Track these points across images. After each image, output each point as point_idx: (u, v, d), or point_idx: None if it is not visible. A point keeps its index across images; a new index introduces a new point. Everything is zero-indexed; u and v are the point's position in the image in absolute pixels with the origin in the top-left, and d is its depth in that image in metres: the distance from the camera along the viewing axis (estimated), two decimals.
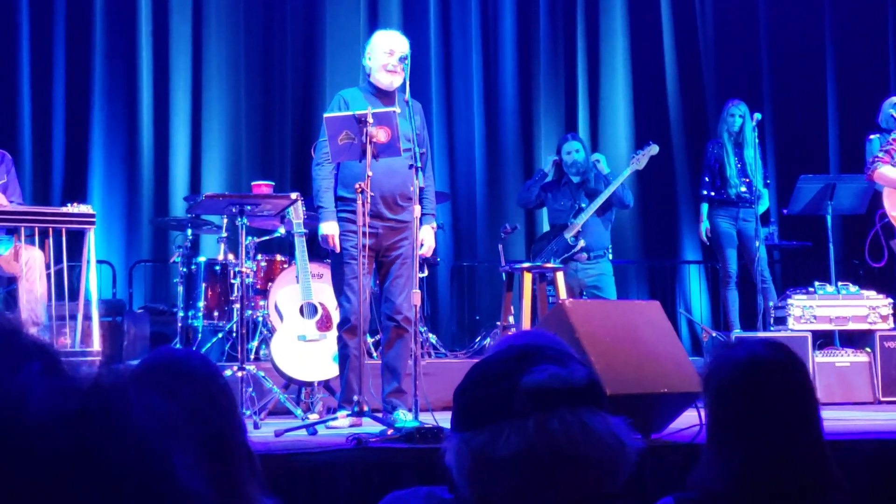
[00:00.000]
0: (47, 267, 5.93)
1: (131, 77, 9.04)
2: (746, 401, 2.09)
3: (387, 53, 5.40)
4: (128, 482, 0.57)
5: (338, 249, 5.29)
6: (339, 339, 5.38)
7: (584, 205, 7.45)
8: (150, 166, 9.01)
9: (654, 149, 7.57)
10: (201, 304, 7.07)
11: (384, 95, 5.40)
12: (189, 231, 7.41)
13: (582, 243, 7.32)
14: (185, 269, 7.15)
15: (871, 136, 7.35)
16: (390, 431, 4.28)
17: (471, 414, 1.33)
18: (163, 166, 9.05)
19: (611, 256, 7.68)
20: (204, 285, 7.10)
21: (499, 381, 1.32)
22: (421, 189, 5.34)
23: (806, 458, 2.06)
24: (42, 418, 0.56)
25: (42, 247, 5.95)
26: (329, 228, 5.32)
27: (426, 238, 5.43)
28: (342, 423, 4.95)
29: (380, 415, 5.10)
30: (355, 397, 4.92)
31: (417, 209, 5.05)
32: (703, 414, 2.18)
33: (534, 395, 1.30)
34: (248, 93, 9.34)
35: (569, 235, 7.37)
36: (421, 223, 5.33)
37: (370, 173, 4.96)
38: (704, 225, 8.02)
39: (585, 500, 1.28)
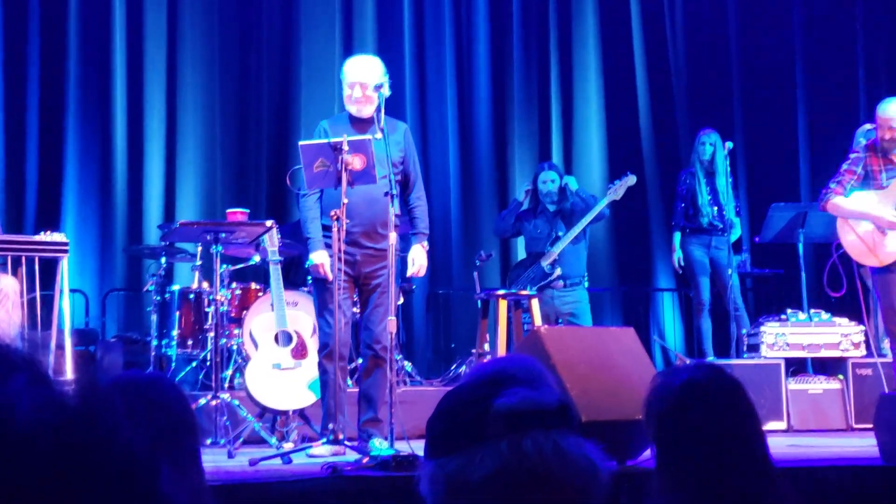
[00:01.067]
0: (21, 295, 5.90)
1: (105, 104, 9.02)
2: (686, 426, 2.10)
3: (348, 86, 5.43)
4: (114, 493, 0.57)
5: (330, 278, 5.27)
6: (319, 364, 5.38)
7: (560, 233, 7.49)
8: (124, 194, 8.98)
9: (631, 179, 7.62)
10: (175, 332, 7.04)
11: (361, 122, 5.42)
12: (163, 259, 7.38)
13: (558, 271, 7.36)
14: (158, 298, 7.12)
15: None
16: (365, 460, 4.27)
17: (444, 440, 1.33)
18: (137, 194, 9.02)
19: (587, 284, 7.71)
20: (178, 314, 7.08)
21: (471, 407, 1.33)
22: (412, 208, 5.40)
23: (751, 481, 2.08)
24: (29, 429, 0.56)
25: (15, 275, 5.92)
26: (319, 258, 5.33)
27: (417, 257, 5.46)
28: (323, 452, 4.93)
29: (355, 443, 5.09)
30: (331, 425, 4.91)
31: (393, 237, 5.06)
32: (652, 446, 2.19)
33: (506, 417, 1.31)
34: (223, 120, 9.34)
35: (545, 263, 7.40)
36: (413, 241, 5.39)
37: (345, 200, 4.98)
38: (677, 254, 8.08)
39: None
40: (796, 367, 7.41)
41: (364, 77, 5.39)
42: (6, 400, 0.56)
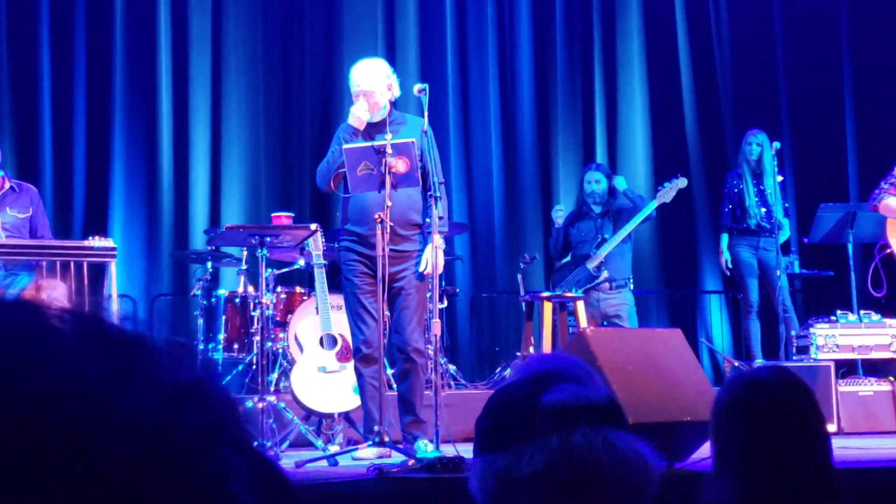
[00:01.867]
0: (70, 300, 5.96)
1: (151, 110, 9.11)
2: (749, 422, 2.08)
3: (353, 95, 5.44)
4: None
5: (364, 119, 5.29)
6: (355, 368, 5.39)
7: (607, 235, 7.43)
8: (171, 199, 9.06)
9: (682, 182, 7.54)
10: (221, 336, 7.08)
11: (373, 126, 5.42)
12: (209, 264, 7.43)
13: (605, 274, 7.30)
14: (205, 302, 7.17)
15: None
16: (411, 462, 4.27)
17: (493, 437, 1.32)
18: (183, 199, 9.10)
19: (632, 286, 7.64)
20: (224, 318, 7.12)
21: (520, 403, 1.32)
22: (431, 206, 5.32)
23: (812, 484, 2.04)
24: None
25: (64, 280, 5.98)
26: (356, 110, 5.34)
27: (427, 258, 5.27)
28: (367, 454, 4.93)
29: (400, 445, 5.09)
30: (376, 427, 4.91)
31: (438, 238, 5.04)
32: (712, 439, 2.16)
33: (555, 413, 1.30)
34: (266, 125, 9.41)
35: (591, 266, 7.35)
36: (426, 242, 5.30)
37: (389, 203, 4.99)
38: (725, 256, 8.00)
39: None
40: (846, 368, 7.32)
41: (365, 85, 5.36)
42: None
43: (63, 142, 8.92)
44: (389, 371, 6.79)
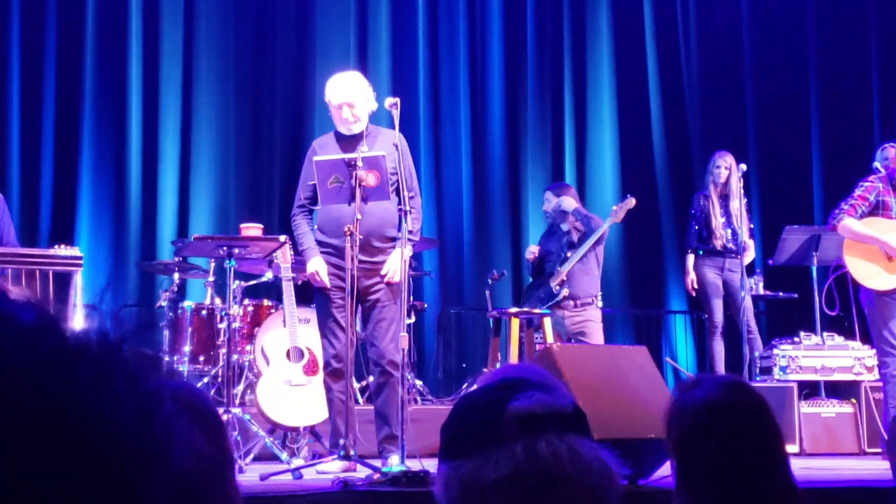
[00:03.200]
0: None
1: (120, 119, 9.07)
2: (708, 447, 2.03)
3: (335, 108, 5.43)
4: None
5: (328, 285, 5.28)
6: (324, 382, 5.38)
7: (569, 253, 7.45)
8: (138, 209, 9.02)
9: (630, 202, 7.53)
10: (187, 348, 7.04)
11: (348, 139, 5.43)
12: (176, 275, 7.39)
13: (566, 292, 7.31)
14: (171, 314, 7.13)
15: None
16: (376, 476, 4.26)
17: (459, 442, 1.33)
18: (150, 209, 9.06)
19: (600, 304, 7.66)
20: (190, 329, 7.08)
21: (486, 409, 1.33)
22: (404, 213, 5.31)
23: (775, 502, 2.04)
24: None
25: (29, 288, 5.93)
26: (314, 264, 5.34)
27: (392, 264, 5.27)
28: (332, 468, 4.92)
29: (367, 459, 5.07)
30: (341, 441, 4.90)
31: (408, 251, 5.06)
32: (671, 464, 2.13)
33: (521, 419, 1.31)
34: (237, 136, 9.39)
35: (553, 284, 7.37)
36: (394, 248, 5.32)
37: (359, 217, 4.99)
38: (691, 275, 8.06)
39: None
40: (809, 390, 7.39)
41: (350, 97, 5.37)
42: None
43: (30, 149, 8.86)
44: (357, 384, 6.79)
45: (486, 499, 1.29)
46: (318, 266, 5.33)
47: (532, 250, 7.79)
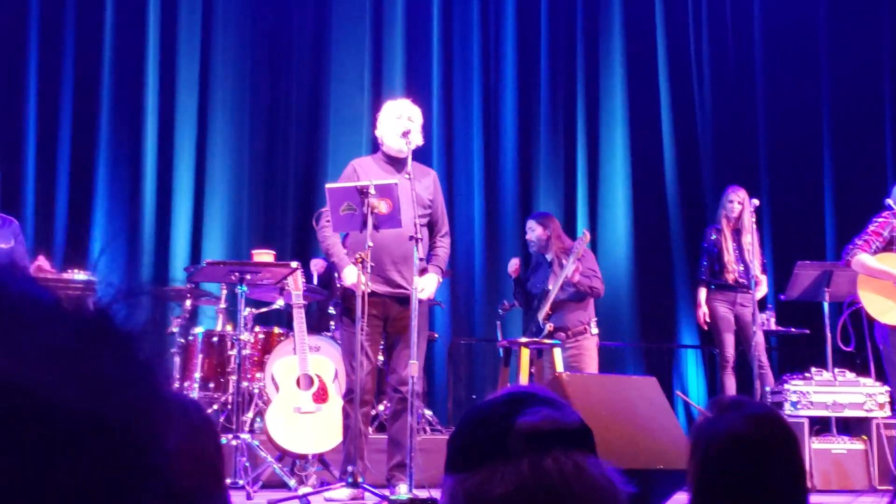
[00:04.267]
0: None
1: (135, 145, 9.14)
2: (731, 478, 2.00)
3: (396, 118, 5.48)
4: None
5: (370, 288, 5.21)
6: (343, 409, 5.38)
7: (550, 286, 7.33)
8: (151, 236, 9.06)
9: (585, 236, 7.39)
10: (197, 374, 7.05)
11: (396, 163, 5.46)
12: (188, 301, 7.41)
13: (550, 327, 7.17)
14: (182, 340, 7.15)
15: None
16: (385, 503, 4.25)
17: (465, 455, 1.34)
18: (164, 236, 9.10)
19: (594, 331, 7.52)
20: (200, 356, 7.09)
21: (494, 423, 1.33)
22: (436, 248, 5.42)
23: None
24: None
25: None
26: (349, 274, 5.30)
27: (428, 283, 5.39)
28: (340, 495, 4.91)
29: (376, 489, 5.06)
30: (350, 468, 4.89)
31: (417, 280, 5.07)
32: (689, 486, 2.08)
33: (528, 435, 1.31)
34: (251, 162, 9.45)
35: (540, 318, 7.26)
36: (428, 270, 5.44)
37: (370, 244, 5.00)
38: (703, 309, 8.03)
39: None
40: (820, 426, 7.34)
41: (412, 112, 5.47)
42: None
43: (46, 173, 8.92)
44: (372, 411, 6.77)
45: None
46: (353, 274, 5.29)
47: (514, 264, 7.66)
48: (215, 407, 7.09)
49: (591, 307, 7.47)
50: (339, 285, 5.55)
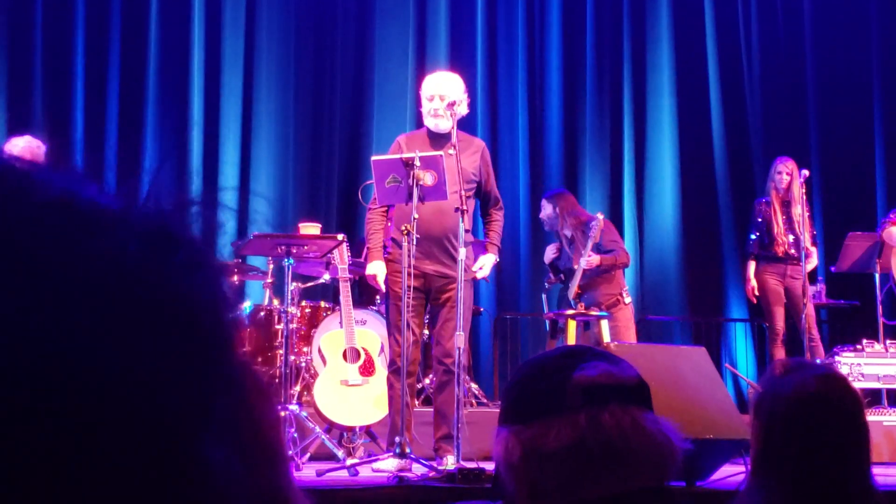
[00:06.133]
0: None
1: (182, 122, 9.20)
2: (794, 435, 1.99)
3: (427, 99, 5.47)
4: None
5: (382, 290, 5.33)
6: (388, 380, 5.40)
7: (574, 265, 7.26)
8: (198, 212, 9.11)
9: (599, 221, 7.28)
10: (245, 349, 7.08)
11: (439, 138, 5.44)
12: (235, 276, 7.45)
13: (581, 306, 7.09)
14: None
15: None
16: (432, 473, 4.26)
17: (522, 407, 1.32)
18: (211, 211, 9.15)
19: (627, 300, 7.44)
20: (248, 331, 7.11)
21: (550, 376, 1.32)
22: (490, 222, 5.47)
23: (851, 499, 1.99)
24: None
25: None
26: (373, 268, 5.37)
27: (486, 262, 5.56)
28: (388, 465, 4.91)
29: (423, 459, 5.07)
30: (397, 438, 4.90)
31: (462, 252, 5.06)
32: (752, 446, 2.07)
33: (586, 389, 1.30)
34: (296, 138, 9.48)
35: (570, 297, 7.20)
36: (485, 249, 5.53)
37: (416, 216, 5.00)
38: (752, 283, 7.95)
39: (632, 492, 1.27)
40: (871, 398, 7.26)
41: (443, 90, 5.42)
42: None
43: (94, 152, 9.00)
44: (417, 384, 6.79)
45: (545, 465, 1.28)
46: (377, 270, 5.35)
47: (549, 253, 7.61)
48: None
49: (620, 277, 7.42)
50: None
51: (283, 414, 5.28)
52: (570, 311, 6.97)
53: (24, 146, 5.82)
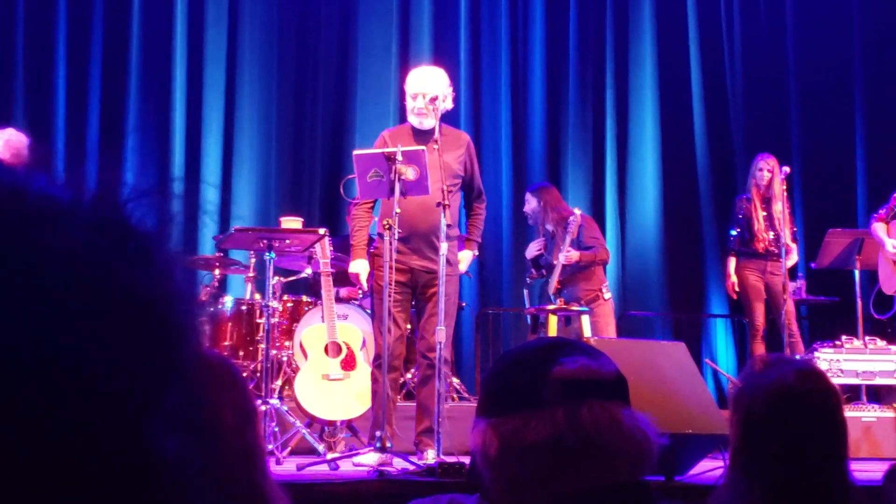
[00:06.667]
0: None
1: (164, 117, 9.16)
2: (772, 430, 2.00)
3: (411, 97, 5.47)
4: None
5: (364, 288, 5.34)
6: (372, 374, 5.41)
7: (554, 261, 7.27)
8: (180, 205, 9.08)
9: (577, 217, 7.31)
10: (227, 343, 7.08)
11: (423, 134, 5.44)
12: (217, 270, 7.44)
13: (561, 301, 7.11)
14: (211, 309, 7.17)
15: None
16: (412, 467, 4.27)
17: (500, 400, 1.33)
18: (192, 205, 9.12)
19: (607, 296, 7.46)
20: (230, 324, 7.12)
21: (529, 369, 1.32)
22: (472, 216, 5.47)
23: (828, 494, 2.00)
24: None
25: None
26: (356, 266, 5.37)
27: (465, 259, 5.59)
28: (368, 460, 4.92)
29: (404, 453, 5.08)
30: (378, 433, 4.90)
31: (444, 247, 5.06)
32: (730, 440, 2.08)
33: (565, 384, 1.30)
34: (279, 132, 9.46)
35: (550, 292, 7.22)
36: (464, 245, 5.56)
37: (398, 210, 5.00)
38: (733, 279, 7.98)
39: (608, 487, 1.28)
40: (850, 394, 7.30)
41: (426, 87, 5.41)
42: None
43: (75, 144, 8.96)
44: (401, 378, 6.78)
45: (523, 459, 1.29)
46: (360, 268, 5.36)
47: (532, 249, 7.62)
48: (244, 375, 7.12)
49: (600, 273, 7.43)
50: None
51: (263, 408, 5.27)
52: (551, 307, 6.98)
53: (6, 139, 5.79)
